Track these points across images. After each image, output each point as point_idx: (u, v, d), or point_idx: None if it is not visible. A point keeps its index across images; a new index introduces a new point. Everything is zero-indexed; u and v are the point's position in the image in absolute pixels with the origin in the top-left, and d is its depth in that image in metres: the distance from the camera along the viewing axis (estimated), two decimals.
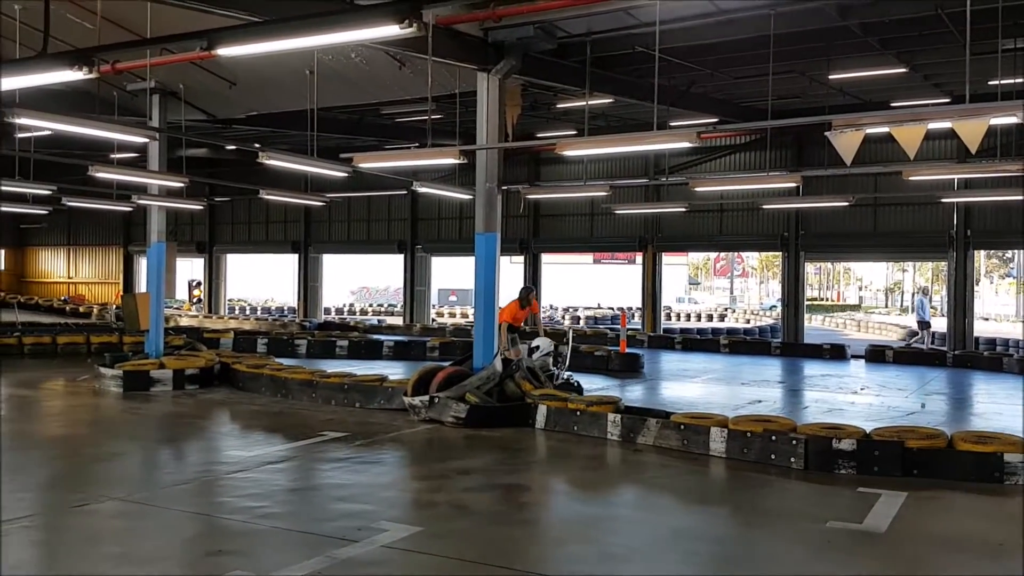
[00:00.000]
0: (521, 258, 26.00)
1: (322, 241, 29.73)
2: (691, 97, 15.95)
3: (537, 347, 12.08)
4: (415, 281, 27.98)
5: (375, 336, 21.65)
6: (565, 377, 11.92)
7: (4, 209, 21.50)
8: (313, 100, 12.50)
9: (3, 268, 35.96)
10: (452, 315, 38.16)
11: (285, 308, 35.54)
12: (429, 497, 7.05)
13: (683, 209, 18.88)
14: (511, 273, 22.71)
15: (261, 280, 39.80)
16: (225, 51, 5.11)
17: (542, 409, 10.20)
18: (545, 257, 26.43)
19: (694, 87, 15.71)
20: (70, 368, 16.02)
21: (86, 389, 13.46)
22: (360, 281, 50.71)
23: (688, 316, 40.77)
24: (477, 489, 7.43)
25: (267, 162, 10.10)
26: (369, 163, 10.23)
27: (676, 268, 50.08)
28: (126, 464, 8.74)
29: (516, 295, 12.70)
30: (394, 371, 14.40)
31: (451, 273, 37.05)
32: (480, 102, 11.23)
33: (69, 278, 35.00)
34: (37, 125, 9.58)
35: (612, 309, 39.55)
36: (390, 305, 41.87)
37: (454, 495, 7.10)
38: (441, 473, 7.94)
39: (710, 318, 40.37)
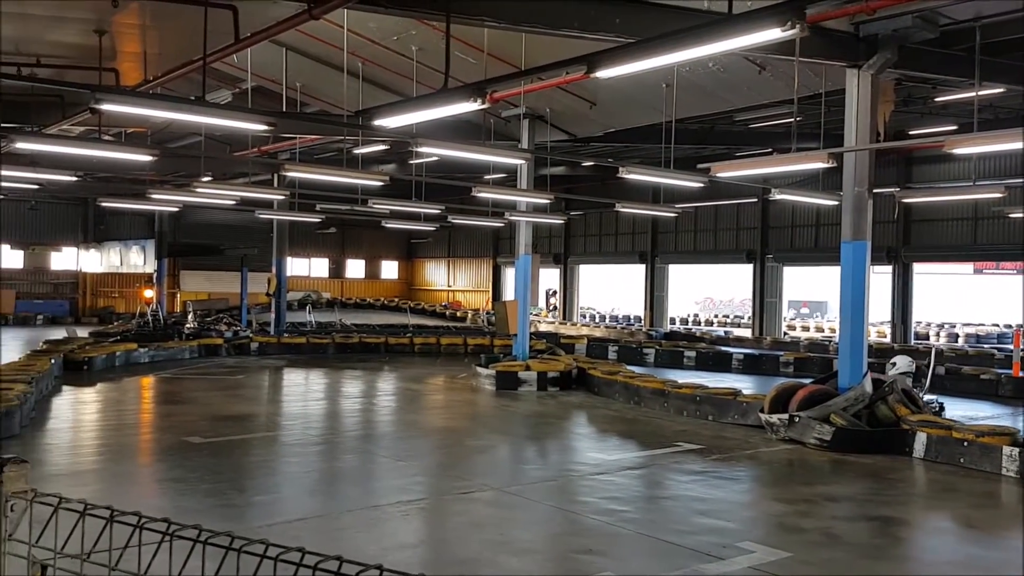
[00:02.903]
0: (887, 268, 23.76)
1: (668, 252, 29.96)
2: None
3: (894, 364, 10.97)
4: (764, 292, 26.97)
5: (723, 348, 21.25)
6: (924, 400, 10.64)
7: (400, 226, 24.82)
8: (671, 113, 12.65)
9: (396, 277, 41.60)
10: (805, 328, 36.08)
11: (631, 317, 36.40)
12: (795, 522, 6.68)
13: None
14: (875, 284, 20.80)
15: (607, 289, 41.16)
16: (604, 72, 5.37)
17: (920, 437, 9.20)
18: (916, 267, 23.87)
19: None
20: (450, 366, 18.01)
21: (463, 386, 15.01)
22: (704, 291, 50.10)
23: None
24: (848, 518, 6.91)
25: (627, 176, 10.42)
26: (728, 172, 10.07)
27: None
28: (499, 457, 9.55)
29: None
30: (745, 385, 14.00)
31: (803, 284, 35.03)
32: (849, 100, 10.48)
33: (448, 286, 39.44)
34: (433, 152, 10.89)
35: (998, 326, 34.44)
36: (736, 316, 40.77)
37: (823, 522, 6.66)
38: (806, 497, 7.51)
39: None
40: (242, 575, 1.47)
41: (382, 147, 17.32)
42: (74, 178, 14.59)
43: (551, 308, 34.96)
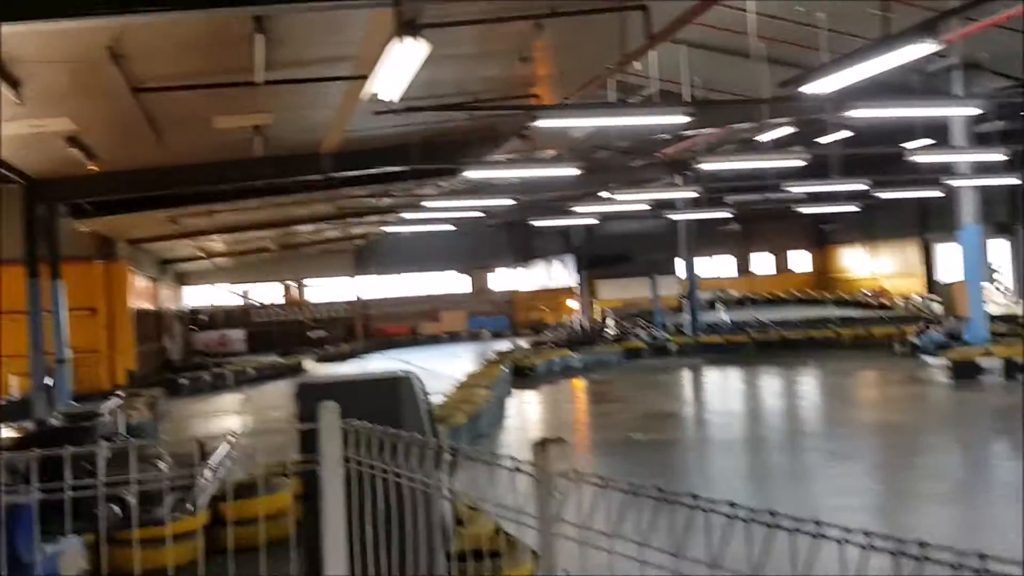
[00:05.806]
0: None
1: None
2: None
3: None
4: None
5: None
6: None
7: (814, 210, 23.19)
8: None
9: (807, 268, 39.31)
10: None
11: None
12: None
13: None
14: None
15: None
16: None
17: None
18: None
19: None
20: (886, 358, 16.32)
21: (907, 378, 13.44)
22: None
23: None
24: None
25: None
26: None
27: None
28: (972, 456, 8.29)
29: None
30: None
31: None
32: None
33: (869, 273, 36.06)
34: (868, 115, 9.92)
35: None
36: None
37: None
38: None
39: None
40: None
41: (787, 131, 16.35)
42: (514, 201, 16.11)
43: (996, 287, 29.96)
